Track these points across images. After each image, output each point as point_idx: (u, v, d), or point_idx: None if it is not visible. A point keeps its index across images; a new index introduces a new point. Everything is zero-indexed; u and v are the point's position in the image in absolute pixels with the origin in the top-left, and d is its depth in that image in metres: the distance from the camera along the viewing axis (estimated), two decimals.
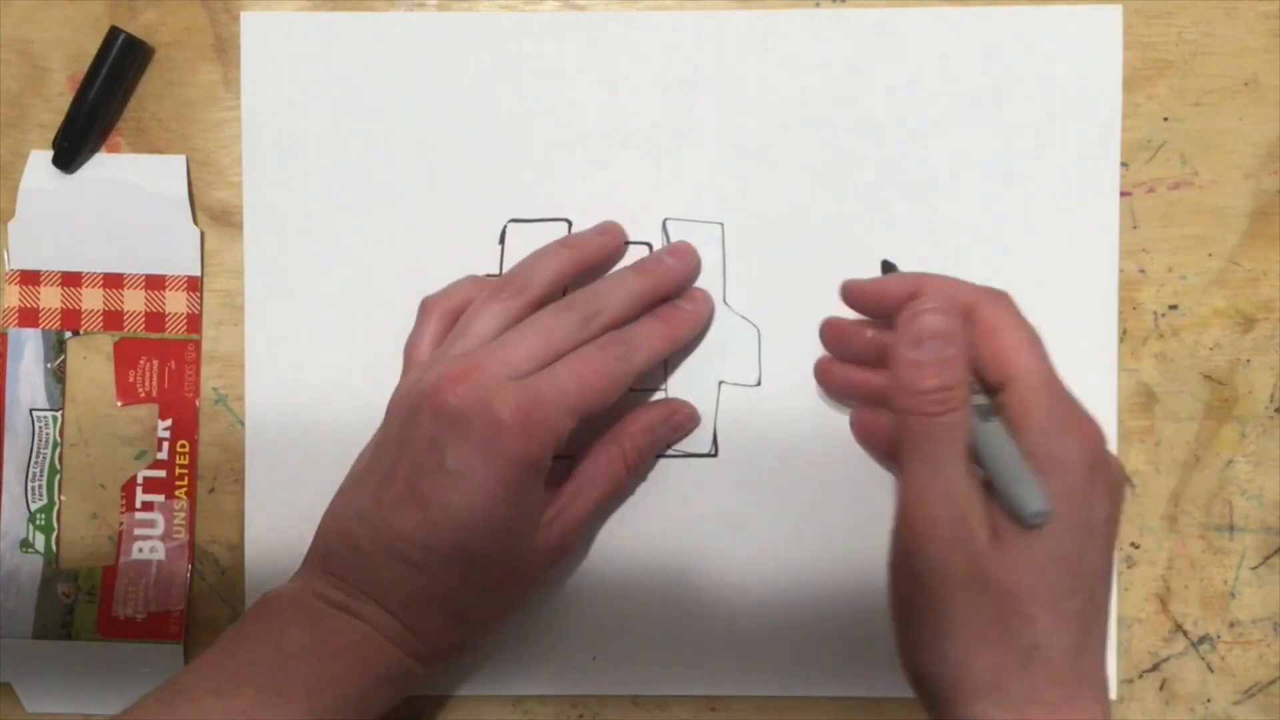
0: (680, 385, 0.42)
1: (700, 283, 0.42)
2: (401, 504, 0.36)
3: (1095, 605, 0.34)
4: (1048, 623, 0.33)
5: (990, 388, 0.35)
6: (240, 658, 0.36)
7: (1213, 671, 0.42)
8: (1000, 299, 0.36)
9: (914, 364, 0.34)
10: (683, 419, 0.42)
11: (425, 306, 0.40)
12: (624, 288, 0.39)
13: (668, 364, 0.42)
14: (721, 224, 0.42)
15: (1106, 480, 0.34)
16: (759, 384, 0.42)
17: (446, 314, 0.40)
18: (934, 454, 0.34)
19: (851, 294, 0.38)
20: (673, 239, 0.42)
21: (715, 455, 0.42)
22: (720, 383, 0.42)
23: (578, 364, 0.37)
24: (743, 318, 0.42)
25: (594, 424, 0.40)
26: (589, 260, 0.41)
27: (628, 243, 0.42)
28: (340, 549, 0.37)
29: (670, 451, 0.42)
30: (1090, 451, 0.34)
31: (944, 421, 0.34)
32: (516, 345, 0.37)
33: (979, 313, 0.35)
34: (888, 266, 0.40)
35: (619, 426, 0.41)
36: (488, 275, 0.42)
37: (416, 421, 0.36)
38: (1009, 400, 0.34)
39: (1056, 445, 0.33)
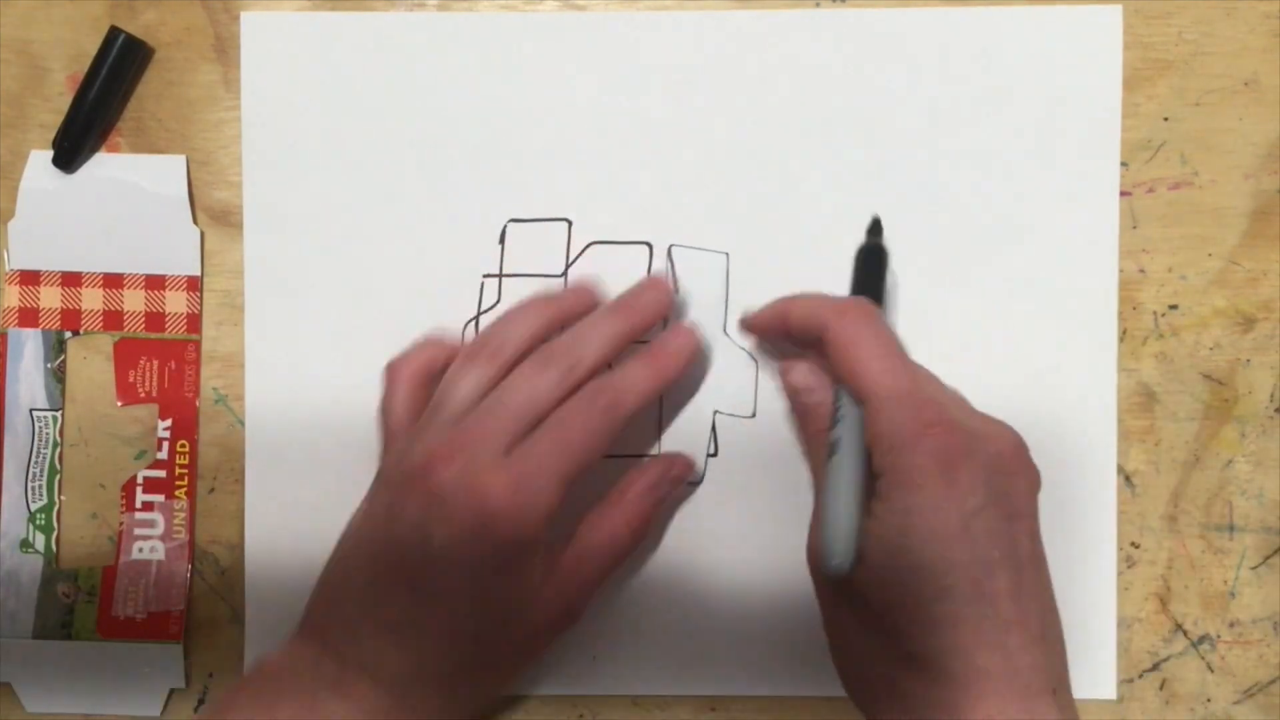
0: (673, 413, 0.42)
1: (701, 312, 0.42)
2: (391, 585, 0.36)
3: (987, 597, 0.33)
4: (918, 630, 0.33)
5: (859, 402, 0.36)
6: None
7: (1213, 671, 0.42)
8: (852, 311, 0.37)
9: (799, 413, 0.39)
10: (680, 470, 0.41)
11: (392, 371, 0.39)
12: (602, 332, 0.38)
13: (662, 401, 0.42)
14: (727, 254, 0.42)
15: (971, 474, 0.33)
16: (754, 416, 0.42)
17: (416, 376, 0.39)
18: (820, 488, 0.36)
19: (748, 326, 0.41)
20: (678, 266, 0.42)
21: (715, 455, 0.42)
22: (715, 412, 0.42)
23: (563, 428, 0.36)
24: (741, 348, 0.42)
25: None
26: (563, 318, 0.39)
27: (625, 243, 0.42)
28: (334, 621, 0.37)
29: (670, 451, 0.42)
30: (939, 455, 0.33)
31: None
32: (500, 413, 0.36)
33: (830, 331, 0.36)
34: (875, 226, 0.40)
35: (619, 490, 0.40)
36: (445, 332, 0.41)
37: (405, 501, 0.36)
38: (866, 417, 0.35)
39: (903, 459, 0.34)
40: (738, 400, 0.42)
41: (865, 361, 0.35)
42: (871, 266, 0.40)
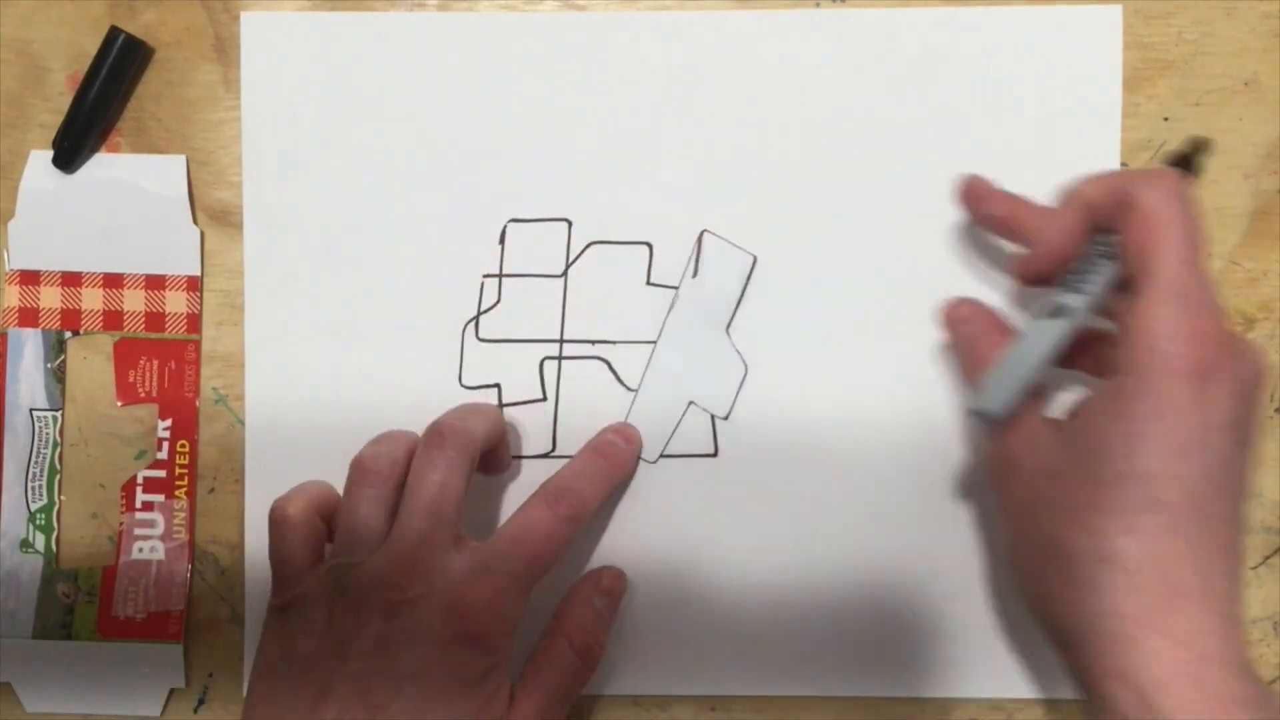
0: (650, 393, 0.42)
1: (713, 304, 0.42)
2: (351, 718, 0.33)
3: (1204, 517, 0.32)
4: (1123, 535, 0.32)
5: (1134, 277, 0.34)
6: None
7: None
8: (1167, 183, 0.34)
9: (959, 343, 0.38)
10: (610, 583, 0.41)
11: (277, 513, 0.37)
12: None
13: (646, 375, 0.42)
14: (755, 257, 0.42)
15: (1220, 390, 0.32)
16: (727, 418, 0.42)
17: (306, 513, 0.37)
18: None
19: (990, 203, 0.39)
20: (706, 254, 0.42)
21: (715, 455, 0.42)
22: (690, 403, 0.42)
23: (531, 540, 0.36)
24: (736, 352, 0.42)
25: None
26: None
27: (625, 243, 0.42)
28: None
29: (670, 451, 0.42)
30: (1198, 366, 0.32)
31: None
32: (436, 512, 0.35)
33: (1139, 199, 0.34)
34: (1201, 145, 0.37)
35: (556, 613, 0.40)
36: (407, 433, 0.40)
37: (360, 627, 0.34)
38: (1143, 304, 0.33)
39: (1159, 361, 0.32)
40: (716, 399, 0.42)
41: (1170, 244, 0.33)
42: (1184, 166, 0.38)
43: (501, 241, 0.42)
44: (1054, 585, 0.34)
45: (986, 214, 0.39)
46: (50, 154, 0.42)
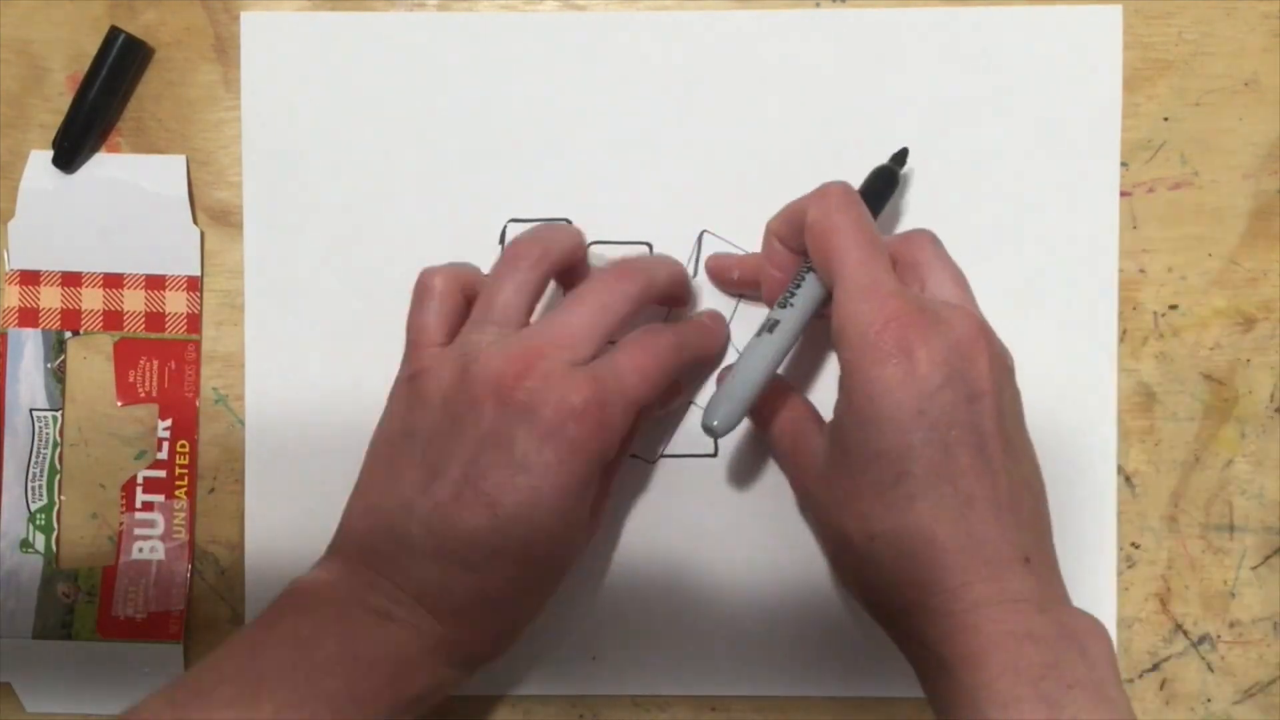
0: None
1: (711, 304, 0.42)
2: (463, 503, 0.34)
3: (946, 475, 0.34)
4: (882, 512, 0.34)
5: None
6: (264, 662, 0.33)
7: (1213, 671, 0.42)
8: (833, 195, 0.36)
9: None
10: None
11: (425, 281, 0.38)
12: (671, 266, 0.39)
13: None
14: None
15: (930, 357, 0.34)
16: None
17: (450, 287, 0.38)
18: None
19: (722, 270, 0.41)
20: (705, 252, 0.42)
21: (715, 455, 0.42)
22: (690, 403, 0.42)
23: (639, 354, 0.36)
24: (738, 351, 0.42)
25: None
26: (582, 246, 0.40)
27: (625, 243, 0.42)
28: (387, 547, 0.35)
29: (670, 451, 0.42)
30: (899, 343, 0.34)
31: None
32: (574, 324, 0.36)
33: (810, 215, 0.36)
34: (901, 155, 0.41)
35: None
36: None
37: (476, 413, 0.34)
38: (835, 306, 0.36)
39: (864, 349, 0.34)
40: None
41: (842, 250, 0.35)
42: (878, 185, 0.40)
43: (501, 241, 0.42)
44: (844, 575, 0.37)
45: (731, 282, 0.42)
46: (50, 154, 0.42)
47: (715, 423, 0.36)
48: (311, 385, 0.42)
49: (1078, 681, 0.32)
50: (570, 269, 0.39)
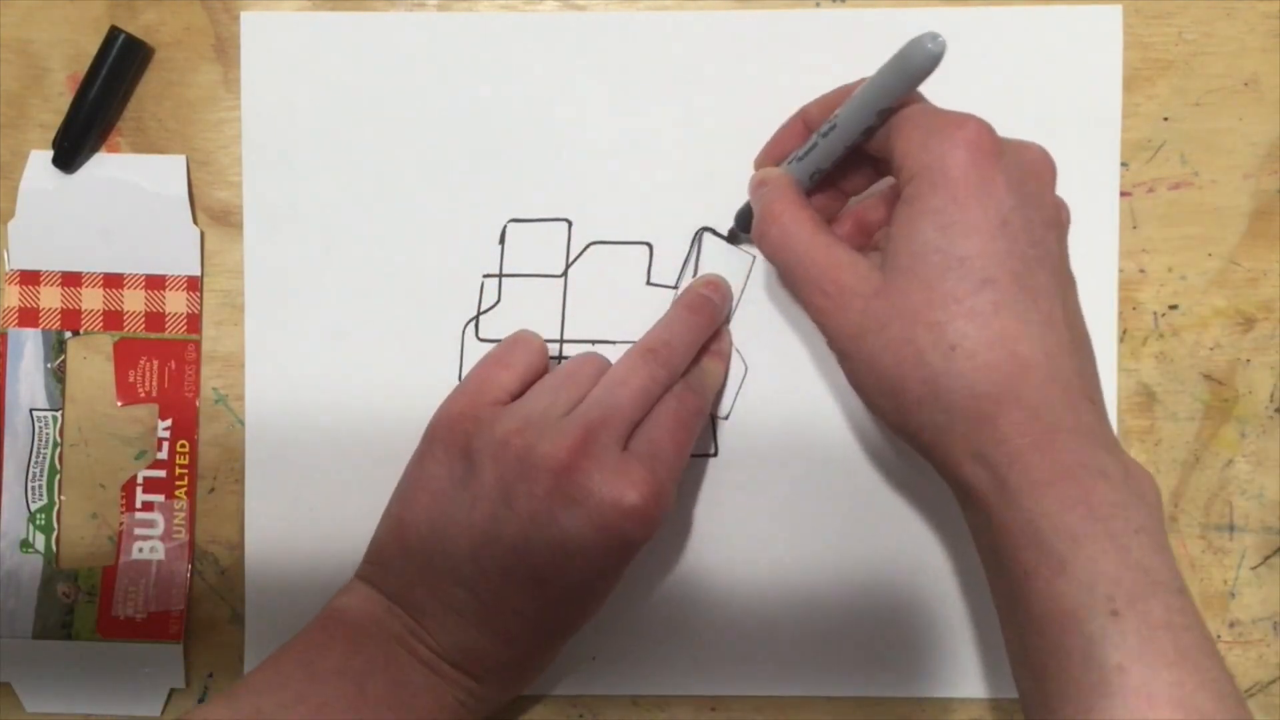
0: None
1: None
2: (513, 581, 0.36)
3: (1028, 290, 0.33)
4: (962, 321, 0.33)
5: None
6: (322, 696, 0.35)
7: None
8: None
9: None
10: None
11: (526, 341, 0.39)
12: (690, 332, 0.40)
13: None
14: (754, 257, 0.42)
15: (1006, 174, 0.33)
16: (727, 418, 0.42)
17: (539, 366, 0.39)
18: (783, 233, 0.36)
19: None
20: (706, 254, 0.42)
21: (715, 455, 0.42)
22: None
23: (679, 431, 0.38)
24: (737, 352, 0.42)
25: None
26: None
27: (625, 243, 0.42)
28: (430, 605, 0.37)
29: None
30: (975, 151, 0.33)
31: (767, 194, 0.37)
32: (624, 406, 0.37)
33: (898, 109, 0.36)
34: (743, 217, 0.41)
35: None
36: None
37: (530, 489, 0.35)
38: (895, 125, 0.35)
39: (937, 155, 0.33)
40: (718, 400, 0.42)
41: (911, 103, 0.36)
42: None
43: (501, 241, 0.42)
44: (907, 393, 0.34)
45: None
46: (50, 154, 0.42)
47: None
48: (311, 385, 0.42)
49: (1143, 527, 0.31)
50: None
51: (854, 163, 0.38)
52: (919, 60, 0.34)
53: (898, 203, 0.34)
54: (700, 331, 0.40)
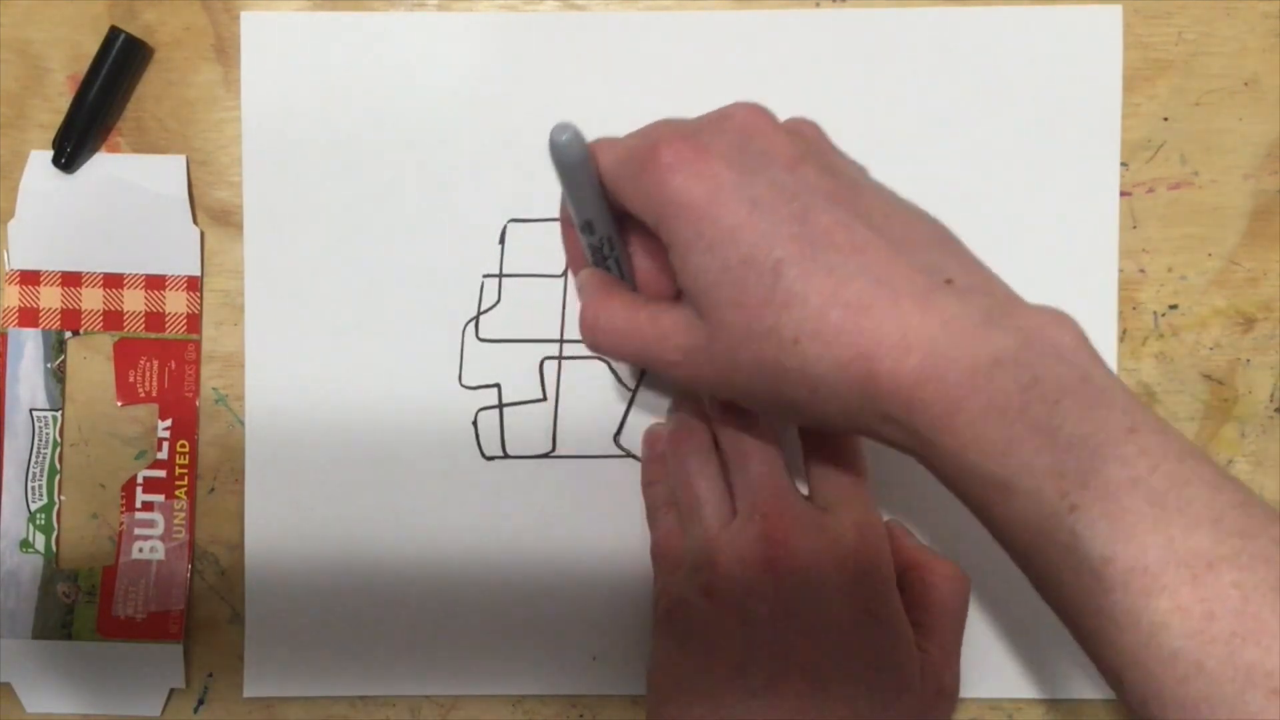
0: (650, 393, 0.42)
1: None
2: (778, 679, 0.35)
3: (817, 242, 0.30)
4: (775, 314, 0.30)
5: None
6: None
7: None
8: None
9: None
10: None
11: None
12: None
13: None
14: None
15: (723, 160, 0.31)
16: None
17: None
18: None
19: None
20: None
21: None
22: None
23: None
24: None
25: None
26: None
27: None
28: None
29: None
30: (682, 172, 0.31)
31: (581, 299, 0.36)
32: (776, 470, 0.38)
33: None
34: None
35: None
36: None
37: (757, 587, 0.35)
38: (606, 191, 0.34)
39: (656, 200, 0.32)
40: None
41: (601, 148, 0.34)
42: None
43: (501, 241, 0.42)
44: (796, 401, 0.32)
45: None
46: (50, 154, 0.42)
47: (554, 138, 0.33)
48: (311, 385, 0.42)
49: (1062, 389, 0.28)
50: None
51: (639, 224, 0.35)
52: (560, 155, 0.33)
53: (670, 254, 0.33)
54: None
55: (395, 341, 0.42)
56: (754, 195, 0.31)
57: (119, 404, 0.43)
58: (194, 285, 0.43)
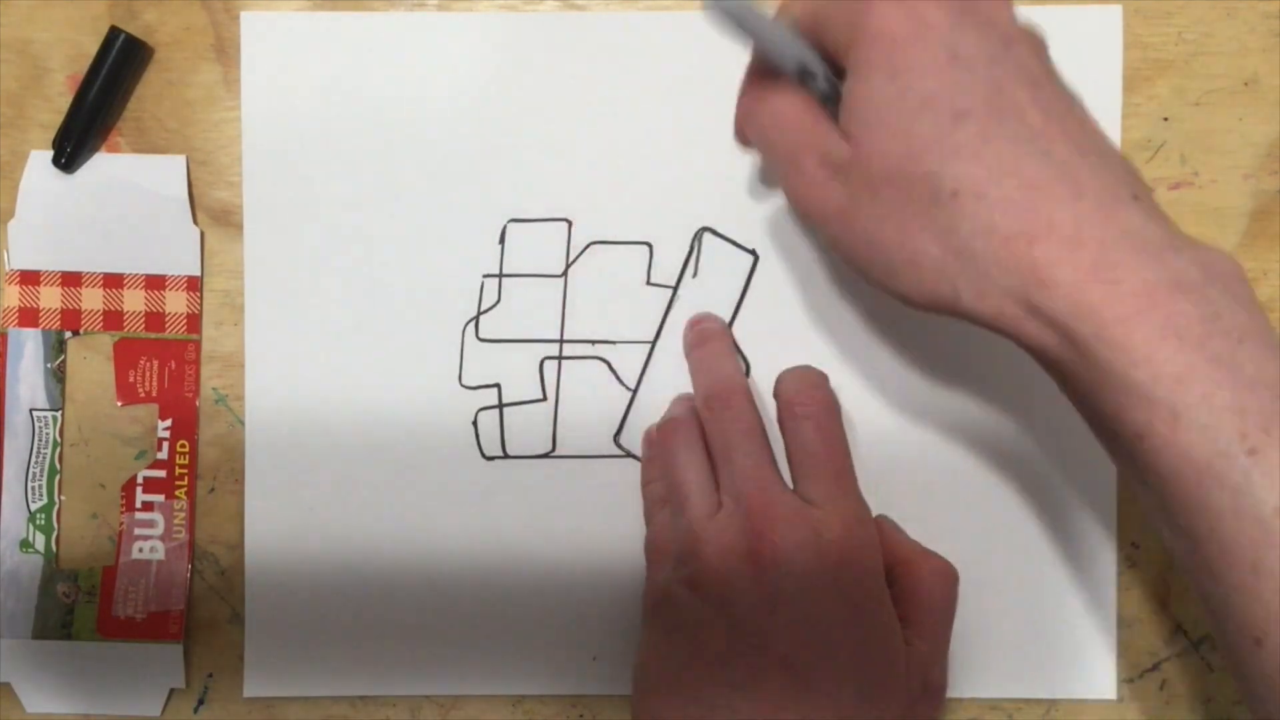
0: (650, 393, 0.42)
1: (712, 304, 0.42)
2: (758, 671, 0.34)
3: (1009, 110, 0.29)
4: (950, 163, 0.29)
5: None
6: None
7: (1213, 671, 0.42)
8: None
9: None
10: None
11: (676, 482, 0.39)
12: (718, 358, 0.41)
13: (646, 366, 0.42)
14: (756, 255, 0.42)
15: (938, 9, 0.29)
16: None
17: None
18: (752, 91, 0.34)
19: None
20: (706, 253, 0.42)
21: None
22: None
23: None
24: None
25: None
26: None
27: (625, 243, 0.42)
28: None
29: None
30: (898, 5, 0.30)
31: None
32: (764, 463, 0.38)
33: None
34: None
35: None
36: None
37: (738, 576, 0.35)
38: (803, 26, 0.32)
39: (861, 28, 0.30)
40: None
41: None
42: None
43: (501, 241, 0.42)
44: (924, 260, 0.30)
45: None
46: (50, 154, 0.42)
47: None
48: (311, 385, 0.42)
49: (1244, 329, 0.27)
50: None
51: None
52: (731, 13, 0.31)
53: (846, 80, 0.31)
54: (724, 355, 0.40)
55: (395, 341, 0.42)
56: (958, 47, 0.29)
57: (119, 404, 0.43)
58: (194, 285, 0.43)
